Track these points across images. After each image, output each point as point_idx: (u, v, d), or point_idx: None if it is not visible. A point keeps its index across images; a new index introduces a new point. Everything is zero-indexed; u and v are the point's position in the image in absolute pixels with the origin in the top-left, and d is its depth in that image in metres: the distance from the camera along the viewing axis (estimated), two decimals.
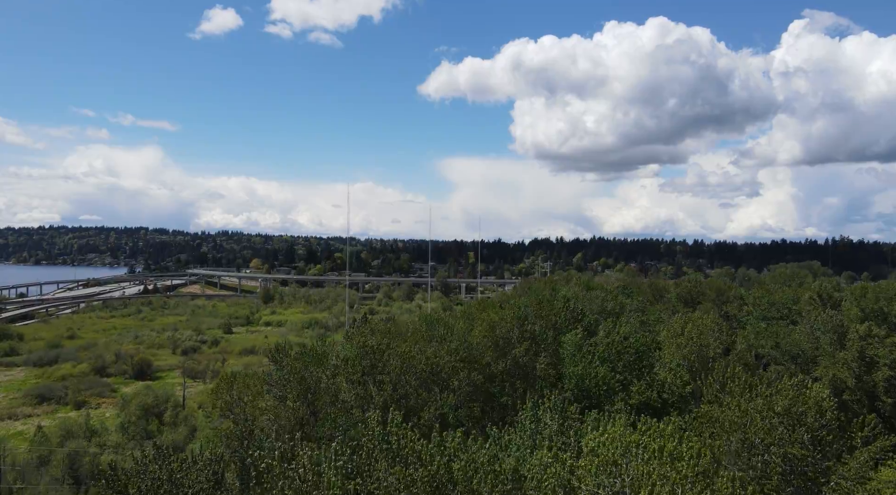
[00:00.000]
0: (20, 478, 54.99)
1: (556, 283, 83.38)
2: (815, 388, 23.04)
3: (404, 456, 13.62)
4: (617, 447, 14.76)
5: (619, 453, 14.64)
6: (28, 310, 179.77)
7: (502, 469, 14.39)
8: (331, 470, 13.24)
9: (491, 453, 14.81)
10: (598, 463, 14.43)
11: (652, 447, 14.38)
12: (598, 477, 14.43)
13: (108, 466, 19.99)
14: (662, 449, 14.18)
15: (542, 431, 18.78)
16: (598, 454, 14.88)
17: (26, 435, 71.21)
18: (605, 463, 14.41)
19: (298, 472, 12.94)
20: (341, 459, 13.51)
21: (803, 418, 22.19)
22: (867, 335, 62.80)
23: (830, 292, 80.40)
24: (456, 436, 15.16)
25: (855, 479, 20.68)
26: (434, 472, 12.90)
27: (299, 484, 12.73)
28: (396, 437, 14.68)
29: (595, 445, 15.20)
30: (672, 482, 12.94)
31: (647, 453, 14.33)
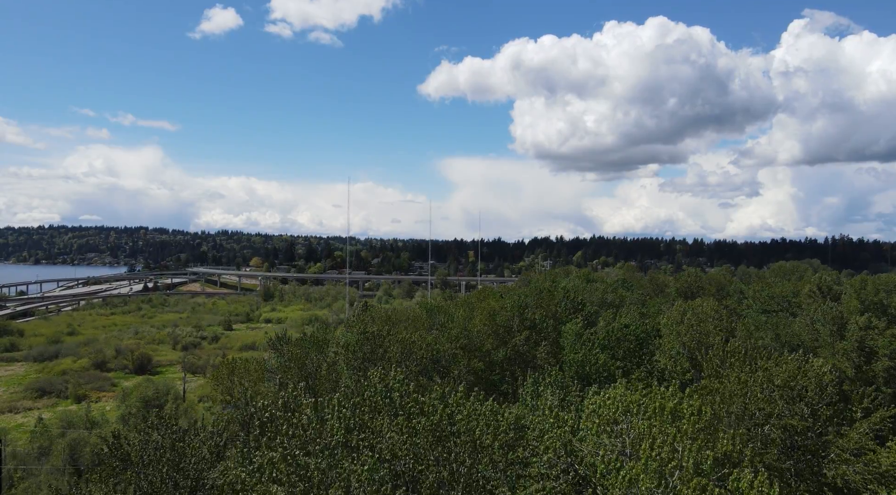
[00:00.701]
0: (21, 468, 54.99)
1: (557, 276, 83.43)
2: (816, 363, 23.10)
3: (406, 408, 13.70)
4: (617, 407, 14.82)
5: (619, 412, 14.70)
6: (28, 308, 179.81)
7: (504, 419, 14.48)
8: (334, 419, 13.32)
9: (492, 407, 14.90)
10: (598, 423, 14.50)
11: (652, 406, 14.45)
12: (598, 436, 14.51)
13: (112, 434, 20.06)
14: (663, 408, 14.25)
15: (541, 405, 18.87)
16: (598, 414, 14.95)
17: (27, 428, 71.30)
18: (606, 422, 14.49)
19: (302, 421, 13.02)
20: (345, 407, 13.59)
21: (803, 392, 22.27)
22: (867, 326, 62.90)
23: (830, 285, 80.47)
24: (459, 391, 15.23)
25: (854, 451, 20.74)
26: (436, 421, 12.99)
27: (302, 432, 12.82)
28: (399, 394, 14.79)
29: (596, 406, 15.28)
30: (672, 438, 13.01)
31: (648, 412, 14.40)
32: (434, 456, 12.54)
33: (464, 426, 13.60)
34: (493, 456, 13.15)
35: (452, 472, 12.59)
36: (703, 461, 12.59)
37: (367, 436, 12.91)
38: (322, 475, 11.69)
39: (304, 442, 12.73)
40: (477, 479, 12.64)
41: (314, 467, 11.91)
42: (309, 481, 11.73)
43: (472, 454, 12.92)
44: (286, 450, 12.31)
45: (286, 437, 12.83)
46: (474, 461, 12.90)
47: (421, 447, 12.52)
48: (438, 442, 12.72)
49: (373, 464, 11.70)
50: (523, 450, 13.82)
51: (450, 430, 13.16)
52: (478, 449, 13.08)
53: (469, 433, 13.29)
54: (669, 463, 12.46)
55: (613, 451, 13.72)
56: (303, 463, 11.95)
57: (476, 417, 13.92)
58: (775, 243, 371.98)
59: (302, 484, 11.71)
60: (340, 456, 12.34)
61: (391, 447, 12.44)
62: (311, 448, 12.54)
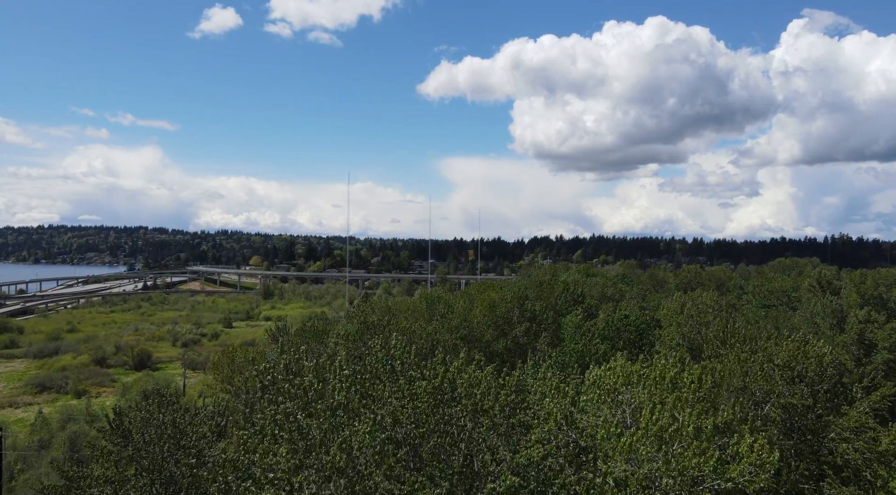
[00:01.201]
0: (21, 460, 55.12)
1: (556, 271, 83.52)
2: (816, 345, 23.13)
3: (407, 374, 13.73)
4: (618, 378, 14.86)
5: (619, 383, 14.74)
6: (27, 306, 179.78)
7: (506, 381, 14.51)
8: (335, 380, 13.35)
9: (493, 372, 14.93)
10: (599, 393, 14.54)
11: (652, 375, 14.49)
12: (599, 406, 14.54)
13: (113, 410, 20.09)
14: (663, 378, 14.29)
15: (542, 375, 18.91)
16: (599, 385, 15.00)
17: (27, 422, 71.37)
18: (606, 392, 14.53)
19: (304, 384, 13.05)
20: (346, 369, 13.62)
21: (804, 373, 22.30)
22: (867, 320, 62.82)
23: (830, 279, 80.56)
24: (461, 357, 15.28)
25: (854, 429, 20.78)
26: (437, 384, 13.01)
27: (304, 394, 12.85)
28: (400, 361, 14.82)
29: (596, 377, 15.32)
30: (672, 404, 13.05)
31: (648, 381, 14.43)
32: (435, 420, 12.57)
33: (465, 389, 13.64)
34: (495, 419, 13.19)
35: (453, 436, 12.62)
36: (703, 426, 12.64)
37: (367, 403, 12.94)
38: (323, 435, 11.73)
39: (305, 403, 12.77)
40: (478, 443, 12.67)
41: (316, 427, 11.95)
42: (310, 440, 11.78)
43: (473, 418, 12.96)
44: (288, 410, 12.36)
45: (287, 396, 12.87)
46: (475, 425, 12.93)
47: (421, 411, 12.54)
48: (439, 405, 12.74)
49: (373, 427, 11.74)
50: (524, 414, 13.86)
51: (451, 395, 13.19)
52: (479, 413, 13.12)
53: (470, 396, 13.33)
54: (669, 428, 12.51)
55: (614, 420, 13.76)
56: (304, 425, 12.00)
57: (477, 383, 13.97)
58: (775, 242, 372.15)
59: (304, 442, 11.75)
60: (342, 418, 12.38)
61: (392, 412, 12.47)
62: (313, 408, 12.59)
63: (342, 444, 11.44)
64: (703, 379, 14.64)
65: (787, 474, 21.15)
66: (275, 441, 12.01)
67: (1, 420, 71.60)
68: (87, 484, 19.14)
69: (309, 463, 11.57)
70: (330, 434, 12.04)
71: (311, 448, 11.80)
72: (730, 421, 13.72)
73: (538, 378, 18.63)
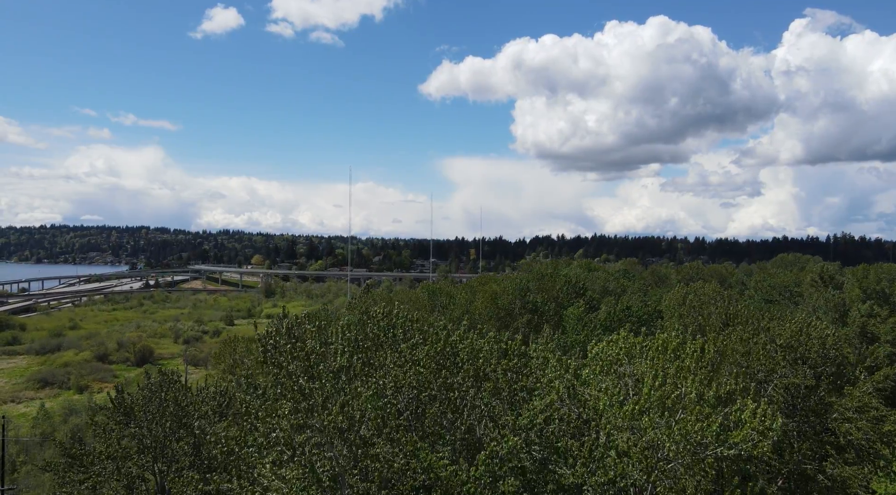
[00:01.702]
0: (23, 452, 55.25)
1: (558, 266, 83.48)
2: (818, 326, 23.08)
3: (409, 339, 13.72)
4: (620, 349, 14.84)
5: (622, 354, 14.72)
6: (29, 303, 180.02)
7: (509, 346, 14.48)
8: (338, 342, 13.34)
9: (495, 337, 14.93)
10: (601, 365, 14.52)
11: (654, 345, 14.45)
12: (601, 379, 14.51)
13: (116, 388, 20.07)
14: (666, 348, 14.25)
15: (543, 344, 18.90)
16: (601, 357, 14.97)
17: (29, 416, 71.48)
18: (609, 364, 14.50)
19: (306, 348, 13.03)
20: (350, 332, 13.61)
21: (806, 354, 22.25)
22: (869, 314, 62.71)
23: (832, 274, 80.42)
24: (462, 324, 15.24)
25: (857, 408, 20.72)
26: (439, 349, 13.00)
27: (305, 356, 12.82)
28: (402, 329, 14.83)
29: (598, 350, 15.30)
30: (675, 371, 13.02)
31: (651, 352, 14.39)
32: (437, 385, 12.55)
33: (467, 354, 13.63)
34: (498, 383, 13.16)
35: (455, 404, 12.59)
36: (705, 394, 12.60)
37: (369, 371, 12.93)
38: (325, 397, 11.69)
39: (307, 366, 12.75)
40: (480, 409, 12.65)
41: (318, 388, 11.93)
42: (311, 401, 11.75)
43: (476, 383, 12.94)
44: (291, 373, 12.35)
45: (290, 358, 12.85)
46: (477, 390, 12.91)
47: (423, 376, 12.53)
48: (441, 370, 12.72)
49: (374, 392, 11.73)
50: (527, 379, 13.82)
51: (452, 361, 13.18)
52: (481, 377, 13.10)
53: (472, 360, 13.31)
54: (672, 394, 12.47)
55: (616, 390, 13.73)
56: (307, 388, 11.98)
57: (479, 349, 13.96)
58: (777, 241, 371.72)
59: (306, 403, 11.73)
60: (344, 382, 12.38)
61: (394, 377, 12.45)
62: (315, 371, 12.58)
63: (343, 406, 11.42)
64: (706, 349, 14.60)
65: (789, 454, 21.10)
66: (276, 401, 12.01)
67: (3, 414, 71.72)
68: (90, 461, 19.15)
69: (311, 424, 11.57)
70: (332, 396, 12.02)
71: (312, 408, 11.79)
72: (732, 392, 13.68)
73: (540, 345, 18.61)
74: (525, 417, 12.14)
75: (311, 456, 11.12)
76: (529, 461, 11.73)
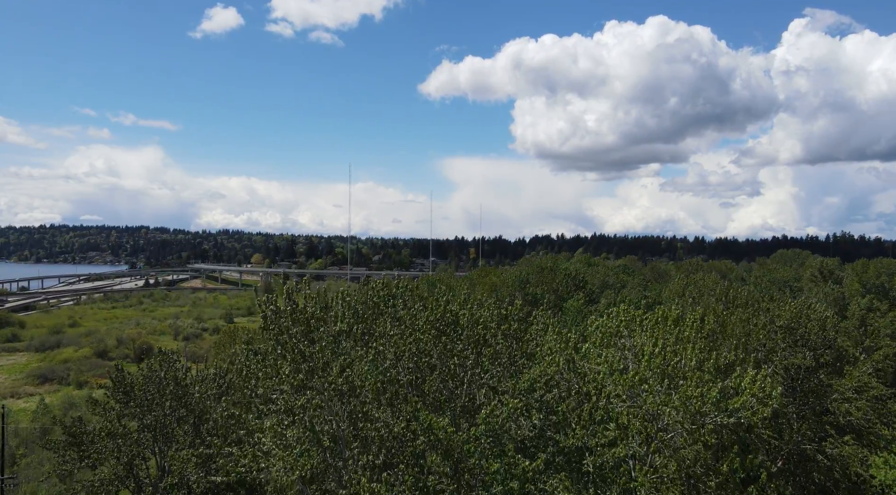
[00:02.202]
0: (23, 446, 55.20)
1: (558, 260, 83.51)
2: (818, 308, 23.10)
3: (409, 307, 13.73)
4: (620, 321, 14.85)
5: (622, 326, 14.73)
6: (29, 302, 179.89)
7: (508, 312, 14.47)
8: (338, 306, 13.35)
9: (495, 305, 14.94)
10: (602, 336, 14.52)
11: (655, 317, 14.45)
12: (601, 350, 14.52)
13: (116, 367, 20.09)
14: (666, 319, 14.25)
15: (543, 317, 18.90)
16: (601, 329, 14.98)
17: (29, 411, 71.38)
18: (609, 335, 14.51)
19: (306, 312, 13.04)
20: (350, 298, 13.62)
21: (806, 335, 22.28)
22: (869, 308, 62.69)
23: (832, 269, 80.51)
24: (463, 293, 15.27)
25: (857, 388, 20.74)
26: (439, 314, 13.00)
27: (306, 321, 12.84)
28: (402, 300, 14.84)
29: (599, 323, 15.30)
30: (675, 339, 13.03)
31: (650, 322, 14.39)
32: (438, 352, 12.54)
33: (467, 321, 13.62)
34: (497, 347, 13.15)
35: (455, 372, 12.58)
36: (705, 361, 12.61)
37: (369, 340, 12.93)
38: (326, 360, 11.71)
39: (307, 330, 12.76)
40: (480, 377, 12.64)
41: (318, 351, 11.93)
42: (312, 362, 11.77)
43: (476, 350, 12.93)
44: (292, 335, 12.37)
45: (291, 321, 12.86)
46: (478, 356, 12.90)
47: (423, 343, 12.52)
48: (441, 336, 12.71)
49: (374, 359, 11.73)
50: (526, 345, 13.82)
51: (453, 329, 13.16)
52: (481, 343, 13.10)
53: (472, 326, 13.30)
54: (672, 361, 12.48)
55: (616, 359, 13.73)
56: (307, 351, 11.99)
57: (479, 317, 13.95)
58: (776, 240, 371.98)
59: (306, 364, 11.74)
60: (344, 346, 12.39)
61: (395, 344, 12.44)
62: (315, 335, 12.58)
63: (343, 370, 11.42)
64: (706, 320, 14.62)
65: (789, 435, 21.11)
66: (276, 362, 12.01)
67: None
68: (90, 440, 19.16)
69: (311, 385, 11.57)
70: (332, 360, 12.02)
71: (313, 370, 11.79)
72: (731, 363, 13.69)
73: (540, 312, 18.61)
74: (525, 380, 12.15)
75: (311, 417, 11.12)
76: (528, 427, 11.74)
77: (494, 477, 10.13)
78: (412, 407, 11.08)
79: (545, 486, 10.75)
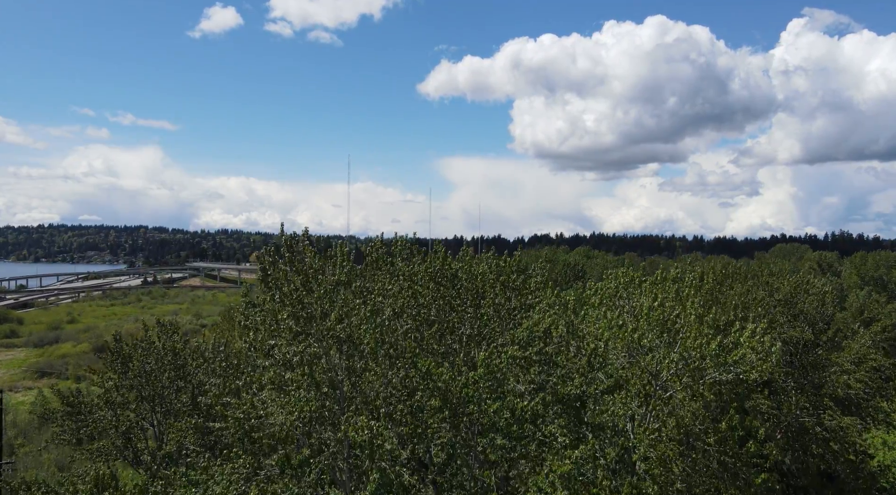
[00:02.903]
0: (21, 436, 55.21)
1: (557, 253, 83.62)
2: (817, 283, 23.12)
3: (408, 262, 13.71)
4: (619, 282, 14.86)
5: (621, 287, 14.74)
6: (28, 299, 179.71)
7: (507, 263, 14.46)
8: (337, 256, 13.31)
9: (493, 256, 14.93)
10: (601, 296, 14.53)
11: (654, 277, 14.46)
12: (600, 310, 14.53)
13: (114, 336, 20.07)
14: (665, 278, 14.26)
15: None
16: (601, 291, 14.99)
17: (26, 404, 71.35)
18: (608, 296, 14.52)
19: (305, 261, 13.04)
20: (348, 246, 13.60)
21: (805, 310, 22.30)
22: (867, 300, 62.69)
23: (830, 262, 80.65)
24: (463, 249, 15.28)
25: (856, 360, 20.76)
26: (438, 266, 12.99)
27: (304, 272, 12.82)
28: (400, 257, 14.83)
29: (598, 286, 15.31)
30: (674, 293, 13.03)
31: (649, 283, 14.40)
32: (436, 306, 12.54)
33: (465, 273, 13.61)
34: (496, 299, 13.14)
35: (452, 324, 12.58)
36: (704, 316, 12.61)
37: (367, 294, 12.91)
38: (324, 310, 11.72)
39: (305, 280, 12.74)
40: (479, 330, 12.63)
41: (316, 299, 11.94)
42: (310, 309, 11.78)
43: (475, 300, 12.93)
44: (290, 280, 12.37)
45: (289, 268, 12.85)
46: (476, 308, 12.89)
47: (422, 296, 12.51)
48: (440, 287, 12.71)
49: (373, 309, 11.72)
50: (526, 296, 13.81)
51: (451, 282, 13.15)
52: (480, 295, 13.09)
53: (471, 279, 13.30)
54: (672, 314, 12.48)
55: (615, 314, 13.73)
56: (305, 299, 12.00)
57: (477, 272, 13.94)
58: (775, 239, 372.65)
59: (304, 312, 11.73)
60: (343, 295, 12.38)
61: (393, 299, 12.43)
62: (314, 284, 12.57)
63: (342, 319, 11.42)
64: (705, 279, 14.63)
65: (787, 408, 21.13)
66: (274, 308, 12.00)
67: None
68: (88, 410, 19.14)
69: (309, 332, 11.56)
70: (330, 308, 12.01)
71: (311, 317, 11.78)
72: (730, 322, 13.69)
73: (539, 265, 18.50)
74: (524, 329, 12.16)
75: (309, 363, 11.11)
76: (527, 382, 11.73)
77: (493, 417, 10.11)
78: (410, 353, 11.10)
79: (544, 430, 10.75)
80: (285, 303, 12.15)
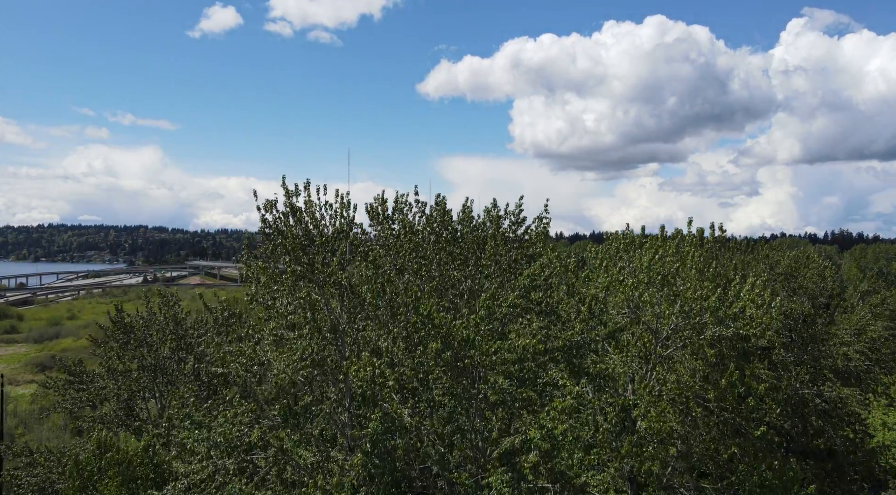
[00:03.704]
0: (21, 425, 55.30)
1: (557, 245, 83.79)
2: (816, 258, 23.20)
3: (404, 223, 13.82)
4: (619, 244, 14.91)
5: (621, 248, 14.80)
6: (27, 296, 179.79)
7: (507, 213, 14.51)
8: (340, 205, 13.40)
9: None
10: (601, 258, 14.58)
11: (653, 238, 14.50)
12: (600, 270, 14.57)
13: (115, 308, 20.13)
14: (665, 238, 14.30)
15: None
16: (600, 253, 15.05)
17: (27, 395, 71.44)
18: (608, 257, 14.57)
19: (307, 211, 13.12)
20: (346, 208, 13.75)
21: (805, 284, 22.36)
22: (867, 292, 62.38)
23: (830, 254, 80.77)
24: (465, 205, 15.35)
25: (855, 331, 20.81)
26: (439, 219, 13.04)
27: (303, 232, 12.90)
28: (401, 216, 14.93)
29: (598, 249, 15.36)
30: (675, 248, 13.07)
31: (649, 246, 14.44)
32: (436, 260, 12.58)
33: (465, 228, 13.66)
34: (497, 250, 13.18)
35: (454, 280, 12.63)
36: (705, 270, 12.65)
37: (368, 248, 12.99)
38: (325, 258, 11.78)
39: (306, 230, 12.78)
40: (480, 283, 12.68)
41: (318, 245, 11.99)
42: (311, 257, 11.83)
43: (475, 252, 12.97)
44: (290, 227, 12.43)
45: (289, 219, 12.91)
46: (477, 259, 12.94)
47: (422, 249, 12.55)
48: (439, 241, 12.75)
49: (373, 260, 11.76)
50: (527, 248, 13.86)
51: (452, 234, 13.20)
52: (480, 246, 13.13)
53: (472, 231, 13.35)
54: (672, 267, 12.53)
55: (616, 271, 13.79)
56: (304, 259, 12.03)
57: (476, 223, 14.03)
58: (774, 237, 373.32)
59: (306, 258, 11.78)
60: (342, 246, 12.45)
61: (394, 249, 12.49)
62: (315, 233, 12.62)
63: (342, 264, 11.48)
64: (706, 240, 14.67)
65: (787, 380, 21.18)
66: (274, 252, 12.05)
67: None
68: (90, 379, 19.19)
69: (310, 277, 11.62)
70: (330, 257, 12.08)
71: (312, 262, 11.83)
72: (730, 280, 13.74)
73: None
74: (524, 276, 12.20)
75: (313, 306, 11.16)
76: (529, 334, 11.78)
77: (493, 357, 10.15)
78: (411, 299, 11.14)
79: (546, 374, 10.82)
80: (287, 249, 12.22)
